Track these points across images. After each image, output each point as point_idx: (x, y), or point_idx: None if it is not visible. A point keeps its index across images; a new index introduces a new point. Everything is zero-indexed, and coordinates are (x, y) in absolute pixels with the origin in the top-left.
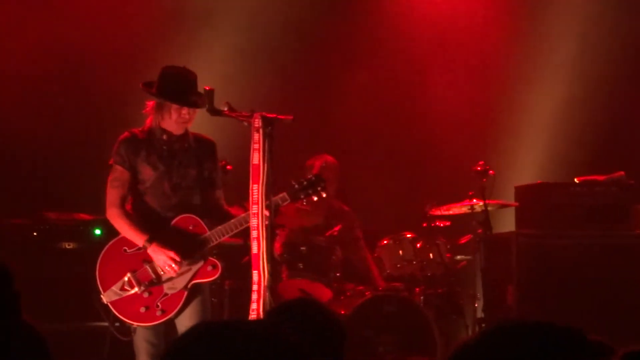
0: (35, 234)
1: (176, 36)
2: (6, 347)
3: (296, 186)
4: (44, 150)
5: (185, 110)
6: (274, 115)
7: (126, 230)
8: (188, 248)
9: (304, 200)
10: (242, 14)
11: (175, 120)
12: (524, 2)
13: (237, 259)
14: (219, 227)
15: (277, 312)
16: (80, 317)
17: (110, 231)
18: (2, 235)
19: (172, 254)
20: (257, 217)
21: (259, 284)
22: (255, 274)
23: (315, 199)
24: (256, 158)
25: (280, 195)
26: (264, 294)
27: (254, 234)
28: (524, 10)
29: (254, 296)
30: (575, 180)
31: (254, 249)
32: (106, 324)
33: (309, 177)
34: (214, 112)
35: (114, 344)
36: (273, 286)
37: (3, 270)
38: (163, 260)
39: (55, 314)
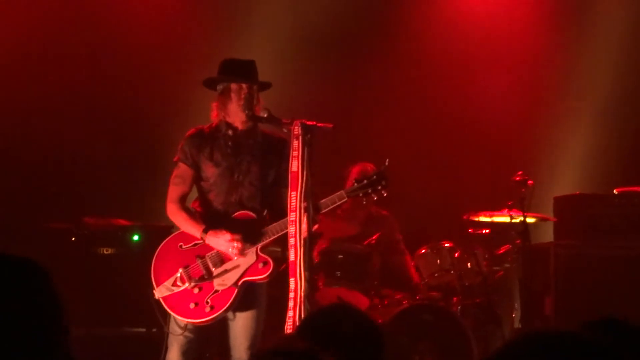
0: (73, 239)
1: (217, 40)
2: None
3: (355, 184)
4: (84, 156)
5: (245, 90)
6: (314, 123)
7: (183, 224)
8: (245, 238)
9: (363, 200)
10: (284, 19)
11: (237, 104)
12: (569, 8)
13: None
14: (276, 223)
15: (313, 318)
16: (119, 323)
17: (149, 237)
18: (41, 239)
19: (228, 235)
20: (295, 225)
21: (295, 291)
22: (292, 281)
23: (376, 198)
24: (295, 165)
25: (337, 193)
26: (301, 302)
27: (291, 241)
28: (570, 19)
29: (291, 304)
30: (615, 191)
31: (292, 257)
32: (142, 329)
33: (370, 174)
34: (255, 118)
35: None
36: (310, 294)
37: (55, 300)
38: (224, 244)
39: (92, 319)
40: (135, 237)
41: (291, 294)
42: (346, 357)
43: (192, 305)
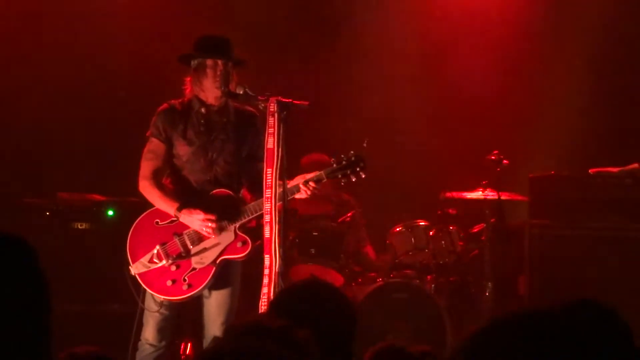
0: (48, 213)
1: (195, 17)
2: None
3: (334, 165)
4: (58, 131)
5: (220, 67)
6: (290, 100)
7: (157, 200)
8: (221, 216)
9: (342, 181)
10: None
11: (212, 81)
12: None
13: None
14: (255, 202)
15: (287, 294)
16: (93, 299)
17: (123, 212)
18: (16, 214)
19: (202, 215)
20: (270, 202)
21: (270, 268)
22: (267, 258)
23: (354, 179)
24: (271, 142)
25: (317, 174)
26: (275, 279)
27: (266, 218)
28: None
29: (265, 280)
30: (589, 172)
31: (266, 233)
32: (117, 305)
33: (349, 154)
34: (231, 94)
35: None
36: (284, 271)
37: (41, 278)
38: (198, 223)
39: (67, 295)
40: (110, 212)
41: (266, 271)
42: (319, 333)
43: (169, 283)
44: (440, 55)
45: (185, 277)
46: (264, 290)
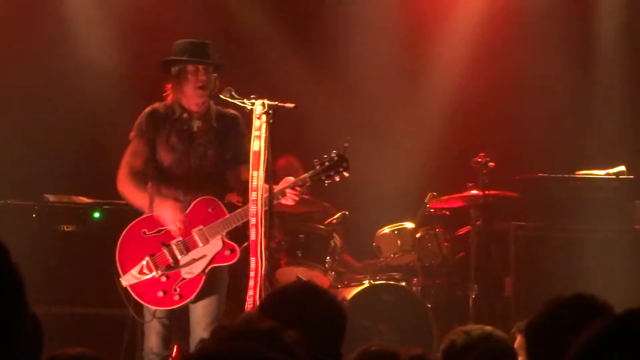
0: (34, 215)
1: (178, 22)
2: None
3: (317, 167)
4: (44, 133)
5: (201, 72)
6: (276, 102)
7: (132, 196)
8: (205, 224)
9: (325, 182)
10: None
11: (194, 86)
12: None
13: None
14: (239, 210)
15: (276, 296)
16: (79, 301)
17: (110, 214)
18: (2, 216)
19: (170, 208)
20: (256, 204)
21: (256, 270)
22: (252, 260)
23: (338, 179)
24: (257, 145)
25: (301, 177)
26: (261, 281)
27: (252, 220)
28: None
29: (251, 283)
30: (576, 173)
31: (252, 236)
32: (103, 308)
33: (332, 155)
34: (217, 97)
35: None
36: (270, 273)
37: (13, 274)
38: (169, 220)
39: (52, 296)
40: (96, 215)
41: (252, 273)
42: (309, 335)
43: (160, 294)
44: (427, 57)
45: (176, 288)
46: (250, 292)
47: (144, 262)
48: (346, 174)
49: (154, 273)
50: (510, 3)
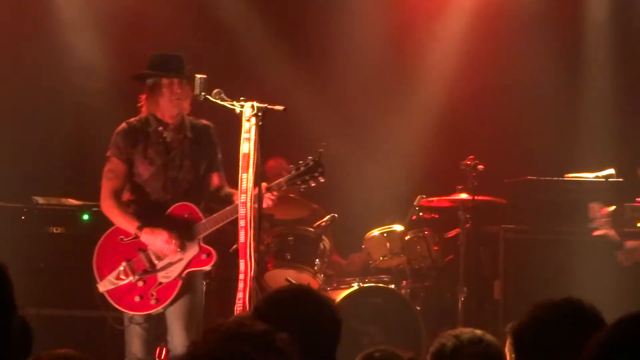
0: (23, 218)
1: (173, 22)
2: (7, 344)
3: (293, 172)
4: (33, 135)
5: (176, 85)
6: (265, 105)
7: (119, 220)
8: (182, 235)
9: (301, 187)
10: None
11: (168, 98)
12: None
13: (225, 247)
14: (214, 215)
15: (272, 298)
16: (68, 303)
17: (99, 217)
18: None
19: (164, 234)
20: (245, 206)
21: (245, 273)
22: (242, 263)
23: (314, 184)
24: (246, 147)
25: (277, 181)
26: (250, 283)
27: (241, 223)
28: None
29: (240, 285)
30: (565, 176)
31: (241, 238)
32: (91, 311)
33: (307, 161)
34: (206, 99)
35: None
36: (258, 276)
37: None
38: (159, 243)
39: (42, 299)
40: (85, 217)
41: (241, 276)
42: (303, 338)
43: (137, 299)
44: (416, 60)
45: (153, 292)
46: (239, 295)
47: (121, 268)
48: (322, 180)
49: (131, 278)
50: (499, 5)
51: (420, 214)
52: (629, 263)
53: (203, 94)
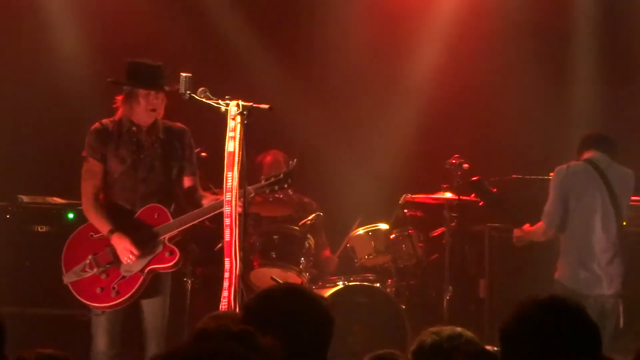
0: (8, 216)
1: (157, 22)
2: None
3: (263, 181)
4: (18, 133)
5: (152, 96)
6: (251, 103)
7: (95, 220)
8: (147, 236)
9: (269, 197)
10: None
11: (144, 108)
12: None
13: (210, 246)
14: (182, 216)
15: (263, 298)
16: (54, 302)
17: (84, 215)
18: None
19: (130, 246)
20: (230, 205)
21: (230, 271)
22: (227, 261)
23: (281, 195)
24: (231, 146)
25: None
26: (236, 282)
27: (226, 221)
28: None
29: (225, 284)
30: (550, 175)
31: (227, 237)
32: (75, 310)
33: (278, 174)
34: (191, 98)
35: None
36: (244, 274)
37: None
38: (122, 251)
39: (27, 297)
40: (70, 215)
41: (226, 274)
42: (295, 337)
43: (98, 290)
44: (401, 59)
45: (114, 285)
46: (224, 293)
47: (87, 261)
48: (290, 191)
49: (95, 270)
50: (483, 6)
51: (405, 212)
52: (519, 244)
53: (188, 92)
